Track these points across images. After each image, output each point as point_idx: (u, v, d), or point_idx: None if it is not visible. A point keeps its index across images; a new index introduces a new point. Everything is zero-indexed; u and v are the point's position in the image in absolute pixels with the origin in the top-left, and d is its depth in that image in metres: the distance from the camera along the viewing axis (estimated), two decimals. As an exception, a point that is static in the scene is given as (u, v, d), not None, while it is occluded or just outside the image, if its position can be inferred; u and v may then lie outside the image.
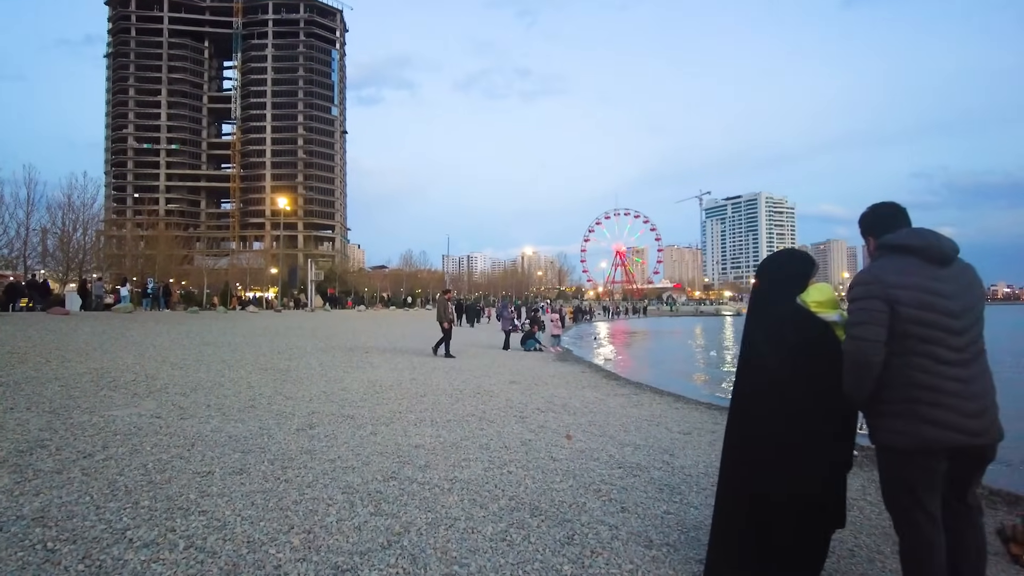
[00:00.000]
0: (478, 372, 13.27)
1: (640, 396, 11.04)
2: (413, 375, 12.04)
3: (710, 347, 28.87)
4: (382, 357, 15.45)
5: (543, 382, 12.29)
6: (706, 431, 7.77)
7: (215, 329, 21.82)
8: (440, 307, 17.39)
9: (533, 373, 13.91)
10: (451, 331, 16.84)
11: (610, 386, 12.38)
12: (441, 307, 17.32)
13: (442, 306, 17.32)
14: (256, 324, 26.79)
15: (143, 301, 36.23)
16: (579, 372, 14.98)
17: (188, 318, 28.03)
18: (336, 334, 23.16)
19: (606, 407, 9.32)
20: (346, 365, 13.29)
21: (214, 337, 18.55)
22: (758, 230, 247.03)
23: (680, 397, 11.46)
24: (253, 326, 25.11)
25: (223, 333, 20.29)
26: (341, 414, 7.51)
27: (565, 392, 10.86)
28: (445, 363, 14.77)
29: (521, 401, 9.38)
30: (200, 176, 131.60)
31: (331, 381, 10.60)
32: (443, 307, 17.26)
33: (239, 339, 18.46)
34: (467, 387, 10.69)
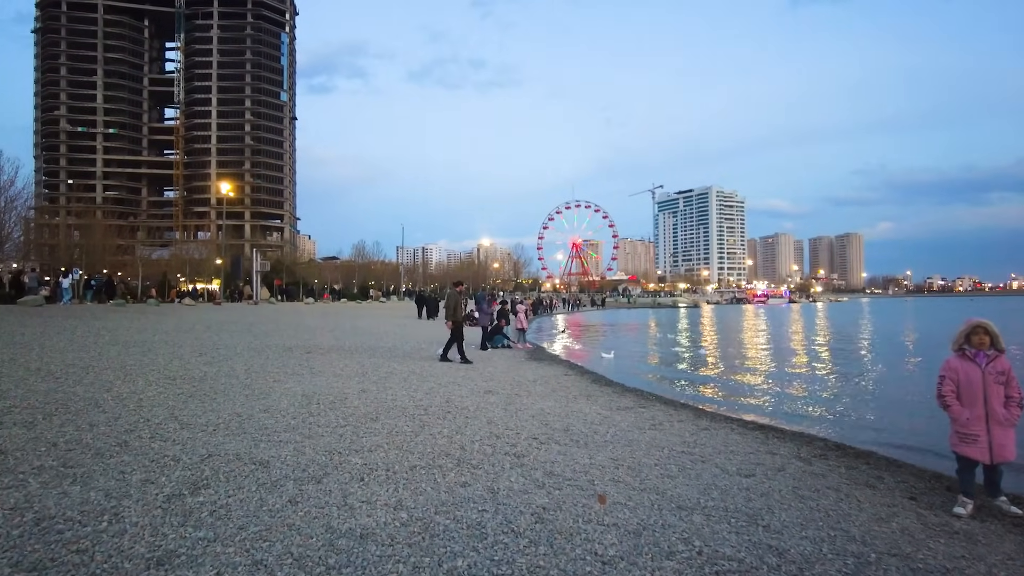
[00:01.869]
0: (445, 378, 10.89)
1: (650, 409, 8.85)
2: (363, 384, 9.59)
3: (686, 341, 27.05)
4: (326, 359, 12.92)
5: (525, 390, 10.00)
6: (770, 468, 5.60)
7: (135, 326, 18.87)
8: (450, 303, 14.51)
9: (509, 377, 11.61)
10: (462, 331, 14.06)
11: (606, 394, 10.17)
12: (451, 303, 14.43)
13: (453, 302, 14.41)
14: (187, 319, 23.80)
15: (86, 293, 33.21)
16: (561, 375, 12.75)
17: (110, 312, 24.83)
18: (276, 330, 20.44)
19: (618, 430, 7.07)
20: (279, 371, 10.75)
21: (130, 335, 15.71)
22: (709, 223, 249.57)
23: (697, 409, 9.33)
24: (182, 321, 22.16)
25: (142, 331, 17.39)
26: (250, 458, 5.05)
27: (556, 406, 8.59)
28: (403, 368, 12.32)
29: (507, 423, 7.05)
30: (141, 162, 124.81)
31: (254, 395, 8.09)
32: (454, 303, 14.35)
33: (159, 337, 15.67)
34: (433, 402, 8.31)
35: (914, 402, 10.98)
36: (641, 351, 23.02)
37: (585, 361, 17.59)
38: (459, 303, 14.40)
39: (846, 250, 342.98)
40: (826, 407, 10.64)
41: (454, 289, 14.95)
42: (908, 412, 10.05)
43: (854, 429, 8.53)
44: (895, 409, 10.34)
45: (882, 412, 10.00)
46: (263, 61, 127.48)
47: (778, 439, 7.12)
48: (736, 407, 10.39)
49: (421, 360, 13.66)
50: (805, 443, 7.01)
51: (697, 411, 9.11)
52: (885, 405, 10.73)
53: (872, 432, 8.35)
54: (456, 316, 14.10)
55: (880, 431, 8.45)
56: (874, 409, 10.33)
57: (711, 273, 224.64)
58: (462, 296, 14.77)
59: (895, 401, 11.22)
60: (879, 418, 9.51)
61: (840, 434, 7.98)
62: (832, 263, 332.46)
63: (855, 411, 10.12)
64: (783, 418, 9.38)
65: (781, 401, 11.17)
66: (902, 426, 8.90)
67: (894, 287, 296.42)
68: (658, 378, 14.41)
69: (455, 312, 14.18)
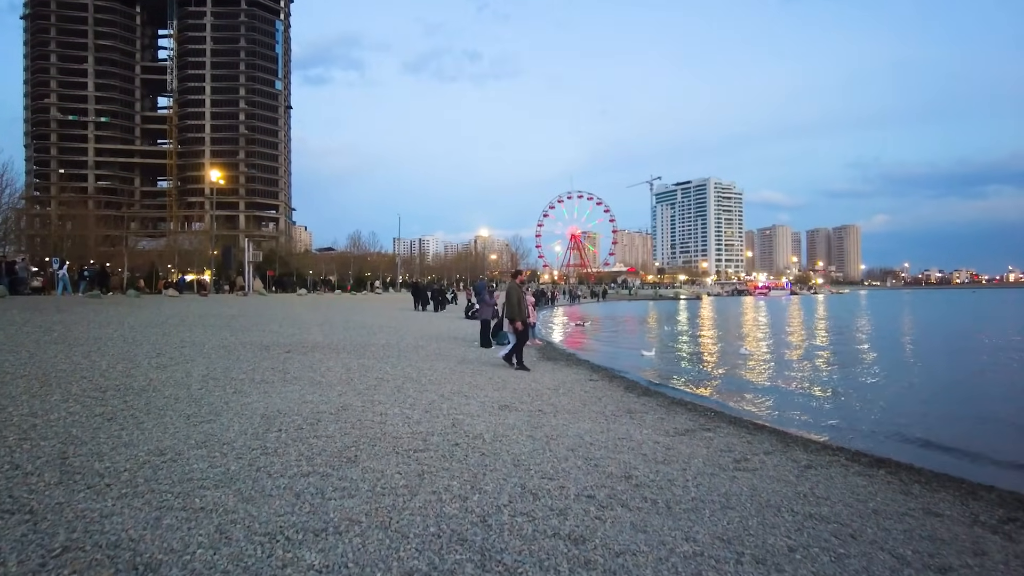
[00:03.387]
0: (448, 387, 8.86)
1: (717, 432, 6.84)
2: (345, 398, 7.55)
3: (707, 335, 25.02)
4: (307, 360, 10.88)
5: (548, 404, 7.98)
6: (964, 549, 3.58)
7: (99, 320, 16.81)
8: (513, 298, 11.77)
9: (525, 385, 9.58)
10: (528, 333, 11.80)
11: (650, 408, 8.15)
12: (515, 298, 11.73)
13: (516, 296, 11.75)
14: (164, 311, 21.74)
15: (79, 284, 32.32)
16: (585, 380, 10.74)
17: (78, 304, 22.78)
18: (259, 324, 18.38)
19: (698, 473, 5.04)
20: (245, 378, 8.71)
21: (84, 331, 13.65)
22: (706, 215, 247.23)
23: (777, 432, 7.32)
24: (157, 314, 20.10)
25: (104, 325, 15.33)
26: (132, 557, 3.00)
27: (596, 430, 6.58)
28: (397, 372, 10.28)
29: (541, 466, 5.01)
30: (134, 152, 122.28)
31: (198, 417, 6.06)
32: (517, 298, 11.73)
33: (119, 334, 13.61)
34: (435, 426, 6.26)
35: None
36: (665, 348, 20.92)
37: (606, 360, 15.56)
38: (523, 298, 11.97)
39: (843, 242, 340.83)
40: (941, 422, 8.61)
41: (515, 281, 12.38)
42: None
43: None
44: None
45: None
46: (257, 49, 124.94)
47: (921, 485, 5.10)
48: (815, 425, 8.33)
49: (418, 360, 11.63)
50: (968, 494, 4.97)
51: (779, 435, 7.09)
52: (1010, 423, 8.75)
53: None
54: (522, 315, 11.66)
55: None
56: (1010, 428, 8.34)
57: (709, 265, 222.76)
58: (526, 290, 12.24)
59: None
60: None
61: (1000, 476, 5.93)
62: (830, 255, 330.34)
63: (994, 430, 8.10)
64: (884, 444, 7.35)
65: (859, 416, 9.15)
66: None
67: (892, 279, 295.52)
68: (698, 382, 12.34)
69: (520, 309, 11.63)
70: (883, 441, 7.44)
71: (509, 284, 12.34)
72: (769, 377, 13.14)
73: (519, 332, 11.62)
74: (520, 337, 11.66)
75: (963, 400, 10.78)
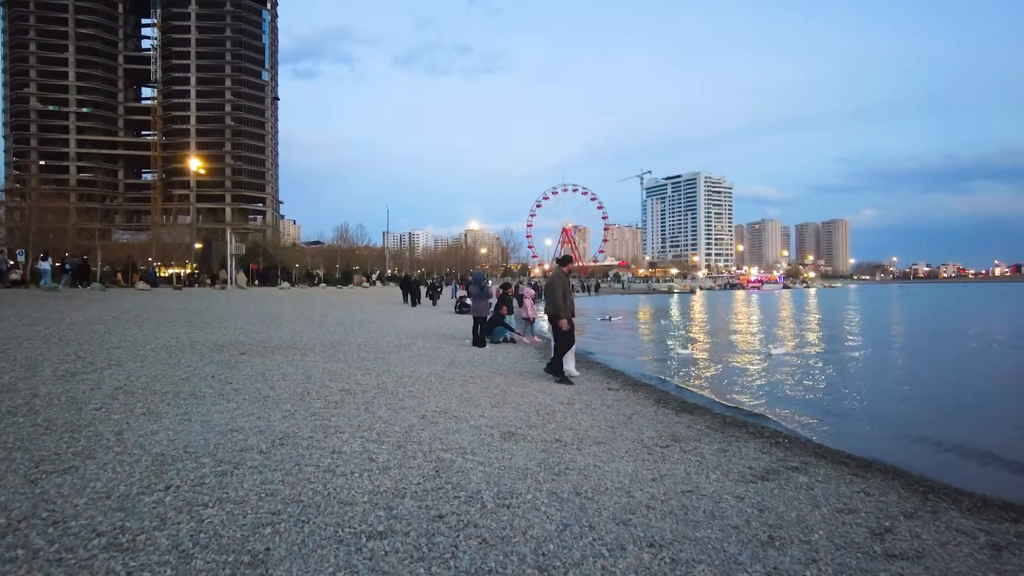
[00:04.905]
0: (432, 402, 6.83)
1: (808, 473, 4.86)
2: (289, 423, 5.50)
3: (719, 329, 22.97)
4: (262, 365, 8.82)
5: (565, 427, 5.99)
6: None
7: (39, 316, 14.69)
8: (557, 289, 9.05)
9: (531, 397, 7.58)
10: (572, 336, 9.20)
11: (699, 432, 6.16)
12: (560, 289, 9.03)
13: (562, 287, 9.07)
14: (123, 306, 19.59)
15: (61, 278, 31.33)
16: (603, 389, 8.75)
17: (25, 298, 20.63)
18: (223, 320, 16.29)
19: (844, 573, 3.06)
20: (172, 390, 6.67)
21: (7, 329, 11.59)
22: (697, 209, 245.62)
23: (908, 477, 5.32)
24: (110, 309, 17.95)
25: (41, 322, 13.24)
26: None
27: (645, 475, 4.59)
28: (369, 381, 8.23)
29: (583, 560, 3.00)
30: (117, 143, 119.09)
31: (52, 462, 4.02)
32: (563, 289, 9.06)
33: (49, 331, 11.53)
34: (409, 476, 4.19)
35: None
36: (685, 347, 18.90)
37: (617, 359, 13.55)
38: (569, 291, 9.28)
39: (832, 236, 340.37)
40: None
41: (561, 270, 9.45)
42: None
43: None
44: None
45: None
46: (244, 39, 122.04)
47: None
48: (933, 460, 6.34)
49: (399, 363, 9.61)
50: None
51: (900, 477, 5.06)
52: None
53: None
54: (569, 311, 9.09)
55: None
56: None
57: (699, 259, 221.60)
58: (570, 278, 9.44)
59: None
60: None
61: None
62: (819, 249, 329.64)
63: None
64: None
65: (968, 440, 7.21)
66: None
67: (880, 273, 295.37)
68: (737, 390, 10.25)
69: (567, 304, 9.00)
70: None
71: (553, 273, 9.61)
72: (816, 384, 11.17)
73: (564, 334, 9.00)
74: (564, 341, 9.08)
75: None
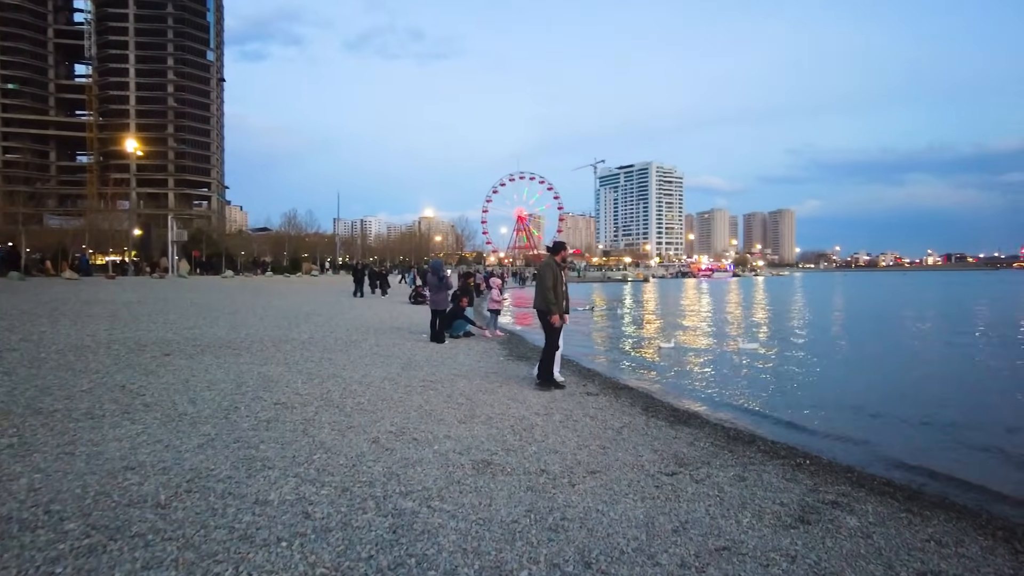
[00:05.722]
0: (388, 417, 5.69)
1: (885, 526, 3.93)
2: (201, 456, 4.30)
3: (681, 318, 22.21)
4: (186, 369, 7.54)
5: (552, 452, 4.95)
6: None
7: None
8: (547, 280, 7.66)
9: (501, 407, 6.52)
10: (559, 336, 7.89)
11: (711, 452, 5.20)
12: (550, 280, 7.64)
13: (552, 278, 7.66)
14: (39, 298, 17.80)
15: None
16: (580, 392, 7.71)
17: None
18: (154, 314, 14.79)
19: None
20: (62, 408, 5.41)
21: None
22: (648, 199, 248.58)
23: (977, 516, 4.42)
24: (25, 301, 16.22)
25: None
26: None
27: (663, 522, 3.60)
28: (311, 391, 7.06)
29: None
30: (48, 123, 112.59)
31: None
32: (554, 279, 7.66)
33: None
34: (356, 541, 3.09)
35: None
36: (645, 334, 18.06)
37: (588, 353, 12.55)
38: (560, 281, 7.83)
39: (779, 226, 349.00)
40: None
41: (552, 258, 7.89)
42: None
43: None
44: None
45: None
46: (187, 16, 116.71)
47: None
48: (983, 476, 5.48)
49: (349, 364, 8.43)
50: None
51: (968, 517, 4.17)
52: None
53: None
54: (561, 305, 7.71)
55: None
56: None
57: (651, 247, 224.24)
58: (563, 269, 7.93)
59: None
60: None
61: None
62: (765, 238, 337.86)
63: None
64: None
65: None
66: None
67: (824, 262, 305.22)
68: (726, 392, 9.29)
69: (558, 297, 7.65)
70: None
71: (544, 261, 8.08)
72: (794, 380, 10.41)
73: (555, 332, 7.73)
74: (555, 340, 7.82)
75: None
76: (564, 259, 7.86)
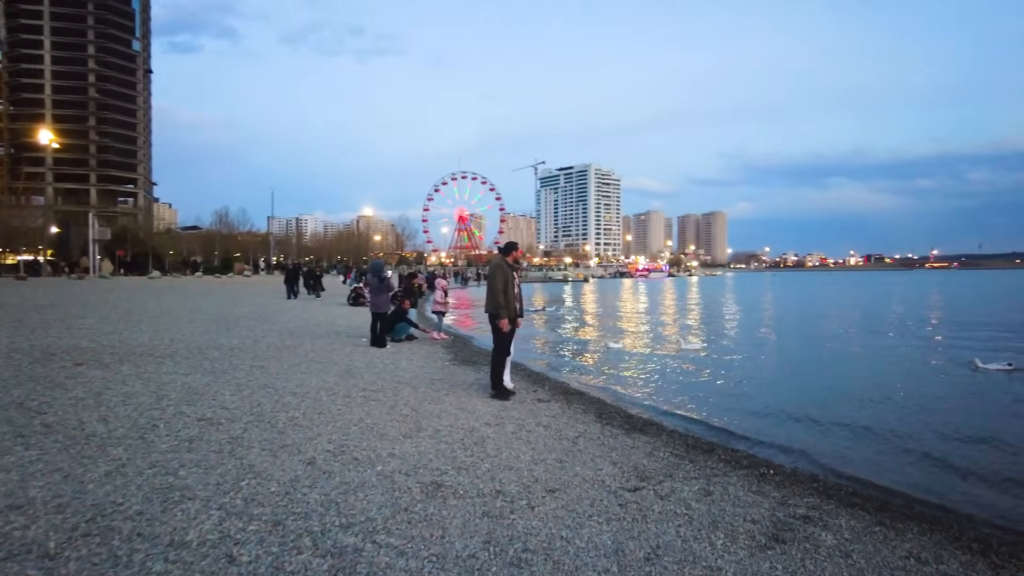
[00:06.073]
0: (325, 434, 5.20)
1: (863, 543, 3.71)
2: (119, 483, 3.75)
3: (627, 318, 22.17)
4: (99, 381, 6.84)
5: (507, 468, 4.59)
6: None
7: None
8: (498, 282, 7.17)
9: (448, 418, 6.11)
10: (510, 341, 7.34)
11: (672, 463, 4.94)
12: (500, 282, 7.16)
13: (503, 280, 7.17)
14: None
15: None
16: (530, 399, 7.38)
17: None
18: (67, 318, 13.73)
19: None
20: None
21: None
22: (587, 200, 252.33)
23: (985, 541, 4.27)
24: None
25: None
26: None
27: (632, 547, 3.29)
28: (240, 405, 6.49)
29: None
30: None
31: None
32: (504, 282, 7.16)
33: None
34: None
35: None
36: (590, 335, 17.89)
37: (532, 356, 12.24)
38: (511, 283, 7.26)
39: (711, 227, 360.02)
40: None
41: (504, 259, 7.37)
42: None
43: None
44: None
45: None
46: (109, 3, 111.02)
47: None
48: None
49: (282, 372, 7.85)
50: None
51: (937, 527, 4.00)
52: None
53: None
54: (512, 309, 7.15)
55: None
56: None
57: (590, 248, 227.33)
58: (514, 272, 7.35)
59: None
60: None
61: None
62: (699, 239, 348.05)
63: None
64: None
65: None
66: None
67: (755, 262, 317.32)
68: (675, 394, 9.15)
69: (509, 300, 7.13)
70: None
71: (494, 262, 7.48)
72: (739, 380, 10.37)
73: (505, 337, 7.22)
74: (504, 346, 7.27)
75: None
76: (516, 260, 7.45)
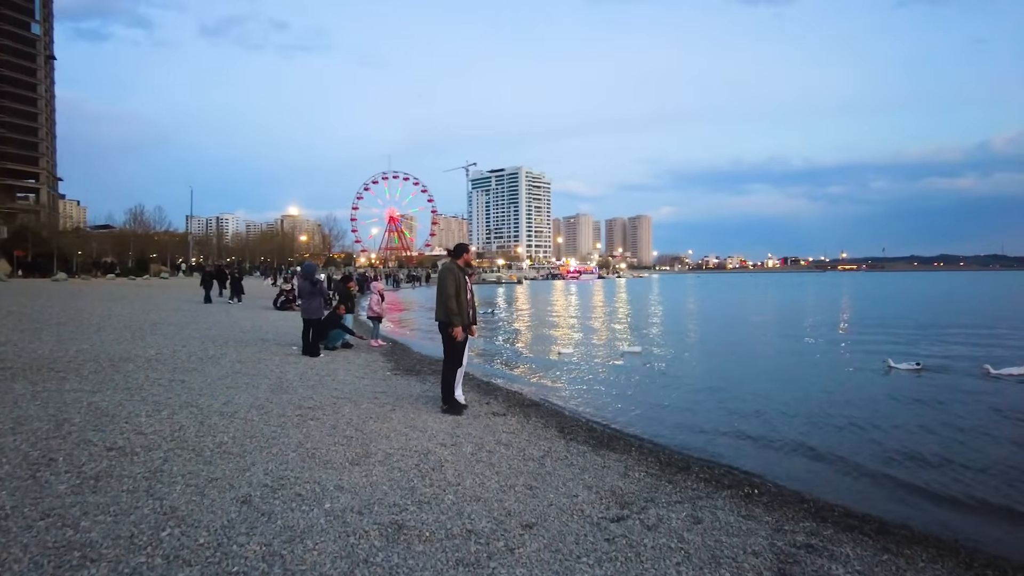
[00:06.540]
0: (261, 460, 4.54)
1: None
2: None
3: (565, 319, 21.89)
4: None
5: (474, 499, 4.09)
6: None
7: None
8: (449, 287, 6.65)
9: (399, 439, 5.54)
10: (464, 350, 6.83)
11: (652, 488, 4.55)
12: (451, 287, 6.64)
13: (454, 284, 6.65)
14: None
15: None
16: (486, 412, 6.88)
17: None
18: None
19: None
20: None
21: None
22: (519, 202, 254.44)
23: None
24: None
25: None
26: None
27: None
28: (159, 430, 5.72)
29: None
30: None
31: None
32: (456, 287, 6.64)
33: None
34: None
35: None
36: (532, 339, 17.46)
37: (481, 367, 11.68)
38: (463, 288, 6.65)
39: (637, 231, 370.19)
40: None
41: (454, 262, 6.87)
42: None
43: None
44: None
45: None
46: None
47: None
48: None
49: (206, 389, 7.06)
50: None
51: (946, 553, 3.72)
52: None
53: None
54: (464, 316, 6.66)
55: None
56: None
57: (522, 250, 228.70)
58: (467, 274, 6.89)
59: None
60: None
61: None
62: (626, 242, 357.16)
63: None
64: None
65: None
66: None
67: (678, 264, 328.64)
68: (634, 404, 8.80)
69: (461, 306, 6.63)
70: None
71: (444, 266, 7.04)
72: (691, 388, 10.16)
73: (456, 346, 6.72)
74: (456, 356, 6.78)
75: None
76: (468, 263, 6.91)
